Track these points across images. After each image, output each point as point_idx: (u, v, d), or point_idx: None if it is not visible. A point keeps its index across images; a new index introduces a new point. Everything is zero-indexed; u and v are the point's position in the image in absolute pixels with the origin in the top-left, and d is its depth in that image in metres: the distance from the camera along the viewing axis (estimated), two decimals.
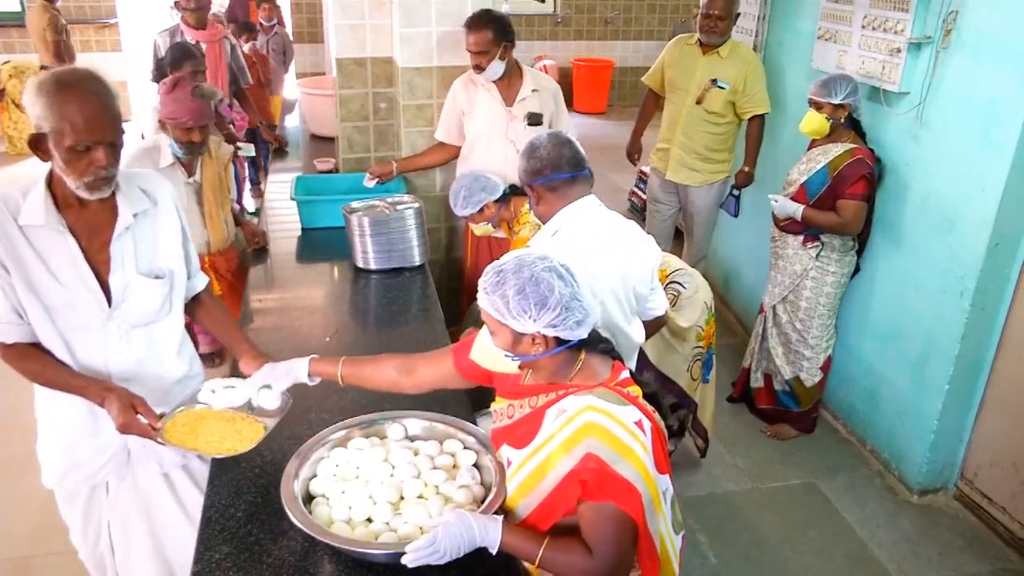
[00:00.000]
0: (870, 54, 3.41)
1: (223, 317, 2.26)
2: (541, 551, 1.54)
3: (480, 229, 3.20)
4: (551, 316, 1.54)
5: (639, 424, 1.56)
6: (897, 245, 3.41)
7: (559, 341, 1.59)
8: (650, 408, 1.65)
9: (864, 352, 3.67)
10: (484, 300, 1.59)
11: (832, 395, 3.91)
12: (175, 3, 4.78)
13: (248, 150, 4.34)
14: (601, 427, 1.53)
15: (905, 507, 3.37)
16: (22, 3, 8.64)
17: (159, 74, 4.01)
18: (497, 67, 3.37)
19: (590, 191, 2.23)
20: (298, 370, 1.99)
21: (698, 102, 4.06)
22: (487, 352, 1.72)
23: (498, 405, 1.80)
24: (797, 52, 4.11)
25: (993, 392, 3.19)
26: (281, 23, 7.05)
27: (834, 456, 3.69)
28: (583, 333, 1.60)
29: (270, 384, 2.00)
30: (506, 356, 1.64)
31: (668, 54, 4.27)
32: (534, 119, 3.48)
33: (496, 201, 3.14)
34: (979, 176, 2.97)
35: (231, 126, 4.65)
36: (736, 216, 4.31)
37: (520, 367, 1.68)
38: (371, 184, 3.56)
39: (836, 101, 3.27)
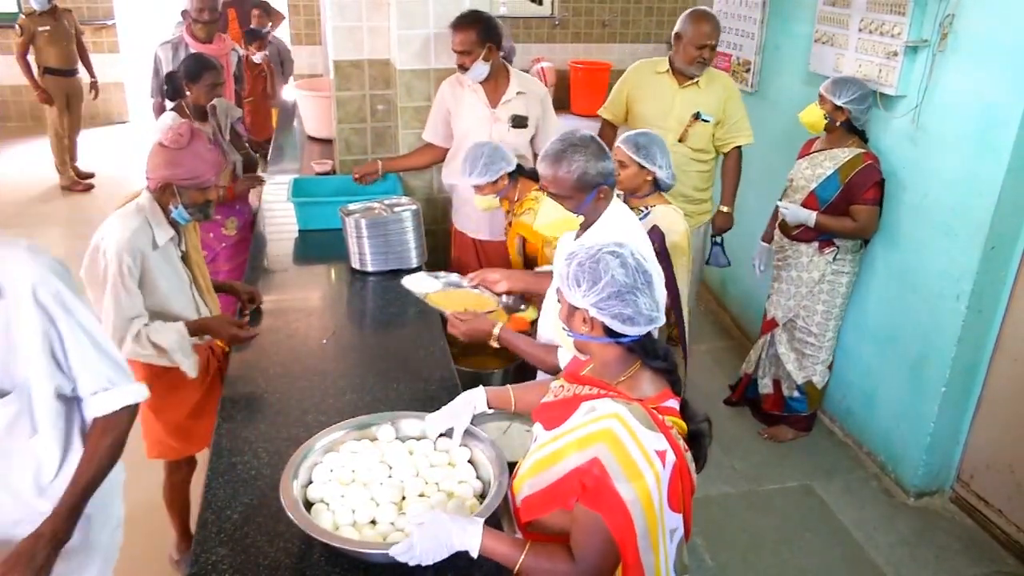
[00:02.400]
0: (867, 57, 3.42)
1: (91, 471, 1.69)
2: (522, 557, 1.53)
3: (485, 202, 3.11)
4: (598, 297, 1.56)
5: (660, 454, 1.51)
6: (894, 248, 3.42)
7: (608, 331, 1.60)
8: (682, 445, 1.60)
9: (861, 355, 3.68)
10: (557, 266, 1.67)
11: (829, 398, 3.91)
12: (183, 13, 4.39)
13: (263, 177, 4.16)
14: (618, 439, 1.50)
15: (901, 510, 3.37)
16: (19, 4, 8.63)
17: (172, 91, 3.58)
18: (481, 68, 3.35)
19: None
20: (478, 401, 1.99)
21: (680, 140, 3.60)
22: (550, 324, 1.82)
23: (556, 383, 1.80)
24: (794, 56, 4.11)
25: (989, 395, 3.19)
26: (273, 30, 6.80)
27: (831, 459, 3.70)
28: (631, 332, 1.58)
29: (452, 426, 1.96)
30: (563, 329, 1.68)
31: (632, 86, 3.75)
32: (518, 121, 3.47)
33: (510, 175, 3.10)
34: (975, 179, 2.98)
35: (247, 145, 4.11)
36: (729, 265, 3.99)
37: (576, 347, 1.71)
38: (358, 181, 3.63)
39: (838, 102, 3.27)
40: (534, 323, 2.60)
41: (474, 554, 1.55)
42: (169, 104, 3.75)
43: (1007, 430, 3.13)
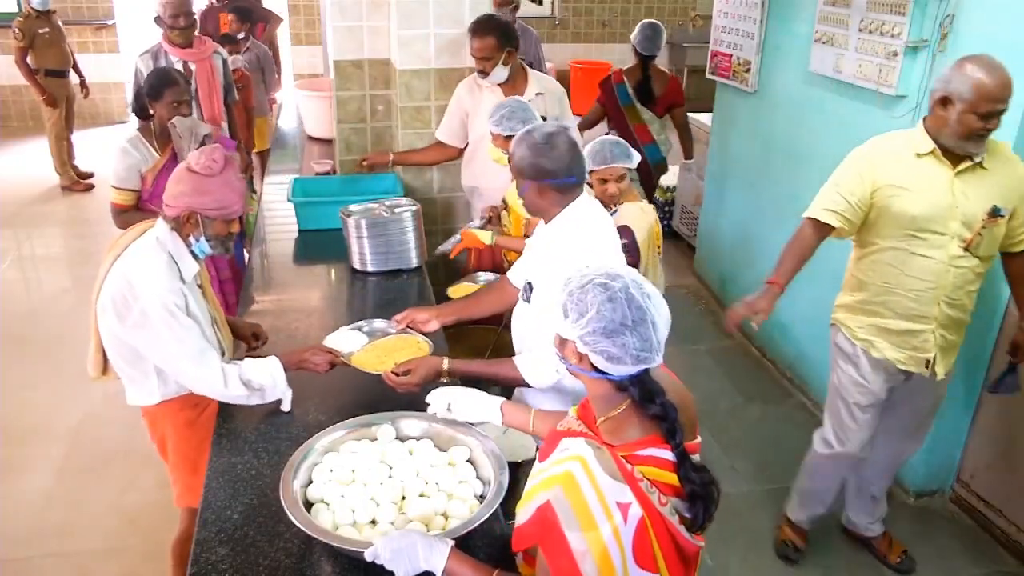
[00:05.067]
0: (867, 57, 3.42)
1: None
2: None
3: (495, 153, 3.11)
4: (583, 331, 1.45)
5: (622, 507, 1.39)
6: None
7: (595, 367, 1.49)
8: (656, 500, 1.43)
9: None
10: (559, 288, 1.55)
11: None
12: (157, 19, 4.06)
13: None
14: (576, 485, 1.41)
15: (902, 509, 3.37)
16: (19, 4, 8.64)
17: (139, 109, 3.33)
18: (500, 72, 3.42)
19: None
20: (491, 412, 1.94)
21: (967, 248, 2.51)
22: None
23: (571, 411, 1.73)
24: (794, 55, 4.11)
25: (990, 396, 3.19)
26: (259, 36, 6.43)
27: None
28: (616, 371, 1.46)
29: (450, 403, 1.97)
30: (556, 354, 1.58)
31: (879, 177, 2.54)
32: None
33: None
34: None
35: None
36: (1018, 392, 2.87)
37: (571, 373, 1.59)
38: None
39: None
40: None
41: (438, 574, 1.52)
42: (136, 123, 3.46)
43: (1007, 430, 3.13)
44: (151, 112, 3.25)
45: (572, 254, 2.08)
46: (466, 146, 3.67)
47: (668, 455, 1.46)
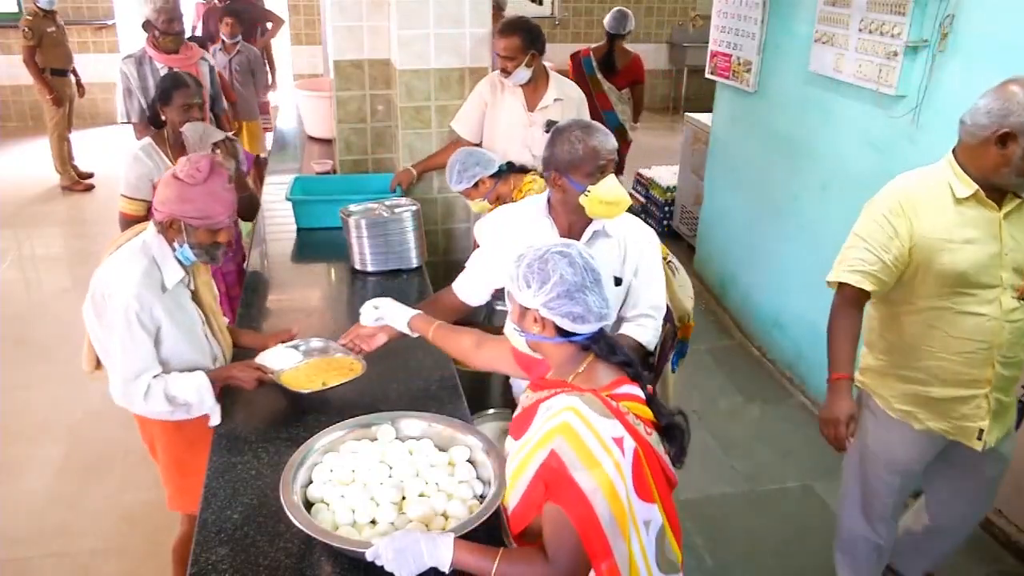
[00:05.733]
0: (867, 57, 3.42)
1: None
2: (495, 566, 1.52)
3: (476, 206, 3.18)
4: (547, 296, 1.59)
5: (618, 441, 1.51)
6: None
7: (560, 331, 1.62)
8: (643, 431, 1.58)
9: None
10: (509, 268, 1.67)
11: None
12: (146, 24, 3.92)
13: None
14: (573, 431, 1.51)
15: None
16: (19, 4, 8.64)
17: (153, 117, 3.21)
18: (523, 73, 3.46)
19: None
20: (400, 317, 2.17)
21: (1021, 296, 2.18)
22: (510, 330, 1.83)
23: (523, 395, 1.82)
24: (794, 55, 4.12)
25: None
26: (253, 40, 6.43)
27: (831, 458, 3.66)
28: (582, 330, 1.61)
29: (376, 306, 2.23)
30: (515, 329, 1.71)
31: (914, 226, 2.17)
32: (553, 127, 3.54)
33: (492, 176, 3.14)
34: None
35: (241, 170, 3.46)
36: None
37: (530, 347, 1.73)
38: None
39: None
40: None
41: (446, 568, 1.53)
42: (122, 121, 3.49)
43: None
44: (163, 118, 3.16)
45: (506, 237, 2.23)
46: (478, 143, 3.70)
47: (638, 391, 1.63)
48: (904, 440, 2.35)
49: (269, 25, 7.07)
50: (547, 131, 3.53)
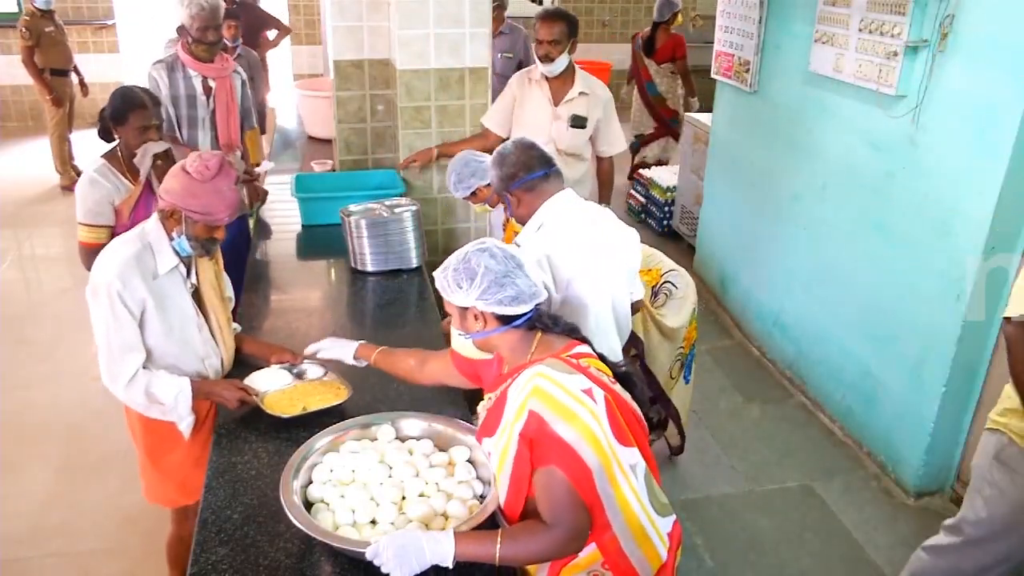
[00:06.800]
0: (867, 57, 3.42)
1: None
2: (498, 547, 1.54)
3: (478, 208, 3.21)
4: (479, 290, 1.69)
5: (588, 392, 1.60)
6: (894, 248, 3.42)
7: (500, 319, 1.72)
8: (607, 379, 1.70)
9: (861, 355, 3.68)
10: (437, 280, 1.78)
11: (829, 398, 3.92)
12: (180, 28, 3.69)
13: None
14: (544, 391, 1.58)
15: (902, 510, 3.37)
16: (19, 3, 8.64)
17: (103, 131, 2.97)
18: (564, 60, 3.58)
19: (563, 186, 2.35)
20: (347, 351, 2.24)
21: None
22: (456, 337, 1.89)
23: (482, 405, 1.85)
24: (794, 55, 4.12)
25: (989, 395, 3.19)
26: (255, 45, 6.20)
27: (831, 459, 3.70)
28: (520, 309, 1.71)
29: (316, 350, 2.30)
30: (459, 335, 1.79)
31: None
32: (577, 122, 3.64)
33: (487, 185, 3.13)
34: (975, 179, 2.98)
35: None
36: None
37: (478, 347, 1.81)
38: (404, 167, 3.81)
39: None
40: None
41: (449, 563, 1.54)
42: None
43: None
44: (116, 136, 2.89)
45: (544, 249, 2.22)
46: (507, 138, 3.73)
47: (590, 350, 1.76)
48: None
49: (274, 33, 6.76)
50: (572, 125, 3.60)
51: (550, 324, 1.77)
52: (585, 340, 1.79)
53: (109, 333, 2.12)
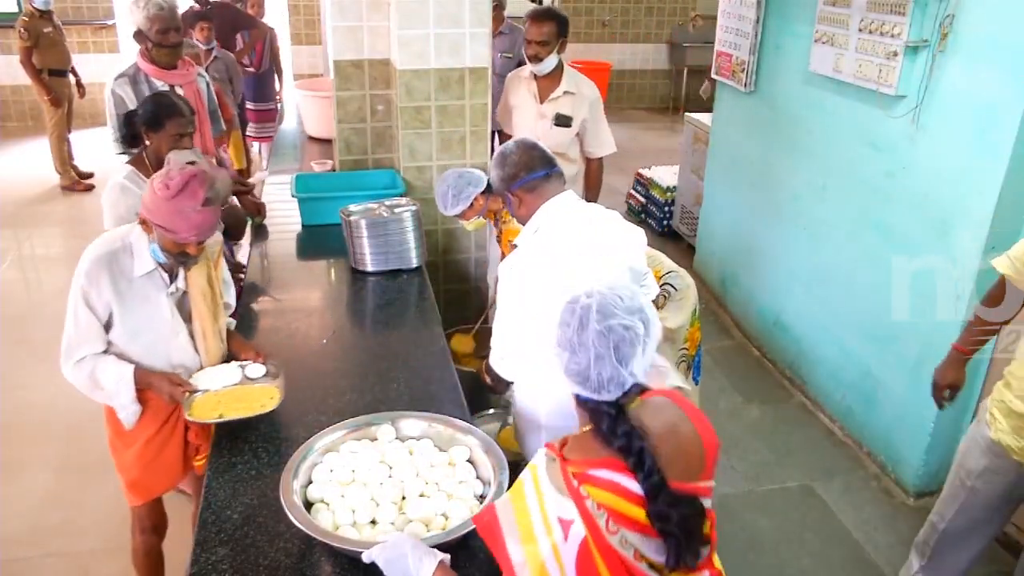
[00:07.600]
0: (867, 57, 3.42)
1: None
2: None
3: (472, 224, 3.15)
4: (553, 337, 1.47)
5: (564, 523, 1.34)
6: (893, 248, 3.42)
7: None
8: (603, 525, 1.33)
9: (861, 355, 3.68)
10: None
11: (829, 398, 3.92)
12: (137, 34, 3.43)
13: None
14: (522, 495, 1.41)
15: (902, 510, 3.37)
16: (19, 3, 8.64)
17: (130, 136, 2.87)
18: (552, 60, 3.60)
19: (564, 187, 2.32)
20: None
21: None
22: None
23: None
24: (794, 55, 4.11)
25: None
26: (232, 48, 6.05)
27: (831, 459, 3.70)
28: (581, 391, 1.43)
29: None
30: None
31: None
32: (561, 120, 3.66)
33: (482, 193, 3.12)
34: (975, 179, 2.98)
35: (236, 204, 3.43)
36: None
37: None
38: None
39: None
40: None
41: None
42: (119, 153, 3.07)
43: None
44: (146, 142, 2.82)
45: (543, 254, 2.19)
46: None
47: (632, 485, 1.34)
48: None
49: (246, 35, 6.39)
50: (556, 124, 3.60)
51: (608, 431, 1.39)
52: (639, 471, 1.34)
53: (71, 320, 2.17)
